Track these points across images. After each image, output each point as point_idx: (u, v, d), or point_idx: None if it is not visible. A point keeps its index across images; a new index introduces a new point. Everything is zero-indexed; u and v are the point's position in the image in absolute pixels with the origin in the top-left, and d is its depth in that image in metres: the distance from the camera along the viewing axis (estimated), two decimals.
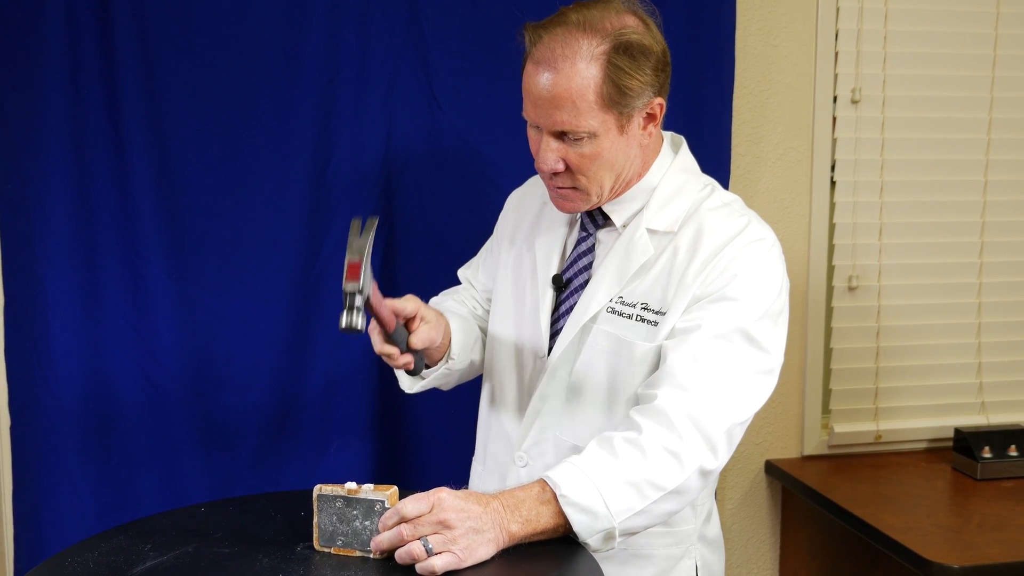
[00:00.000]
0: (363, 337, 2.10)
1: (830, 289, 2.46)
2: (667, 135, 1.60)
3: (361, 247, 1.37)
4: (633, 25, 1.43)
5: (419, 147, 2.12)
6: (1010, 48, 2.45)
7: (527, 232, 1.69)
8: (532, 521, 1.31)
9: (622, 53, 1.41)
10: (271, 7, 2.02)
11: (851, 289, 2.45)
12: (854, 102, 2.39)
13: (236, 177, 2.04)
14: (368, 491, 1.31)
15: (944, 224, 2.48)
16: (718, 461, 1.40)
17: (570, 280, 1.58)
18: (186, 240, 2.04)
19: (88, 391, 2.02)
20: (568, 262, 1.60)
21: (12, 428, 2.03)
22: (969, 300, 2.51)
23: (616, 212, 1.55)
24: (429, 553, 1.24)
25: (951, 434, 2.45)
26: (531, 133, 1.50)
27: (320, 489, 1.32)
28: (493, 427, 1.71)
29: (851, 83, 2.38)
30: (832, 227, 2.43)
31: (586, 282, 1.56)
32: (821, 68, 2.37)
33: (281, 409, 2.10)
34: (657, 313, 1.48)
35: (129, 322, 2.03)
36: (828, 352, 2.48)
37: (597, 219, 1.57)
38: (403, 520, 1.26)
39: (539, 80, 1.42)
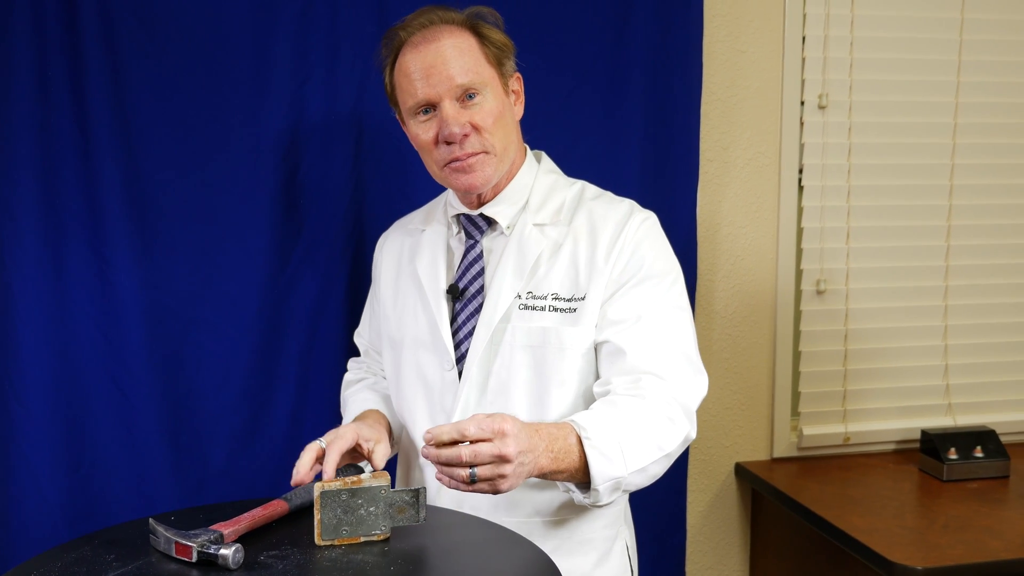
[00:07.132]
0: (335, 342, 2.13)
1: (798, 293, 2.48)
2: (528, 150, 1.72)
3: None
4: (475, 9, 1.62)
5: (390, 152, 2.12)
6: (974, 54, 2.48)
7: (408, 260, 1.74)
8: (559, 459, 1.40)
9: (480, 20, 1.59)
10: (240, 12, 2.02)
11: (819, 293, 2.47)
12: (821, 107, 2.42)
13: (206, 183, 2.04)
14: (368, 479, 1.36)
15: (910, 228, 2.51)
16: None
17: (465, 288, 1.63)
18: (155, 246, 2.03)
19: (57, 398, 2.00)
20: (460, 272, 1.65)
21: None
22: (935, 303, 2.54)
23: (500, 214, 1.64)
24: (472, 483, 1.31)
25: (918, 436, 2.48)
26: (422, 123, 1.59)
27: (323, 487, 1.35)
28: (413, 458, 1.71)
29: (818, 88, 2.41)
30: (800, 231, 2.46)
31: (481, 288, 1.62)
32: (788, 74, 2.40)
33: (251, 415, 2.10)
34: (570, 300, 1.58)
35: (98, 328, 2.02)
36: (797, 355, 2.50)
37: (480, 225, 1.65)
38: (462, 440, 1.31)
39: (425, 53, 1.55)
